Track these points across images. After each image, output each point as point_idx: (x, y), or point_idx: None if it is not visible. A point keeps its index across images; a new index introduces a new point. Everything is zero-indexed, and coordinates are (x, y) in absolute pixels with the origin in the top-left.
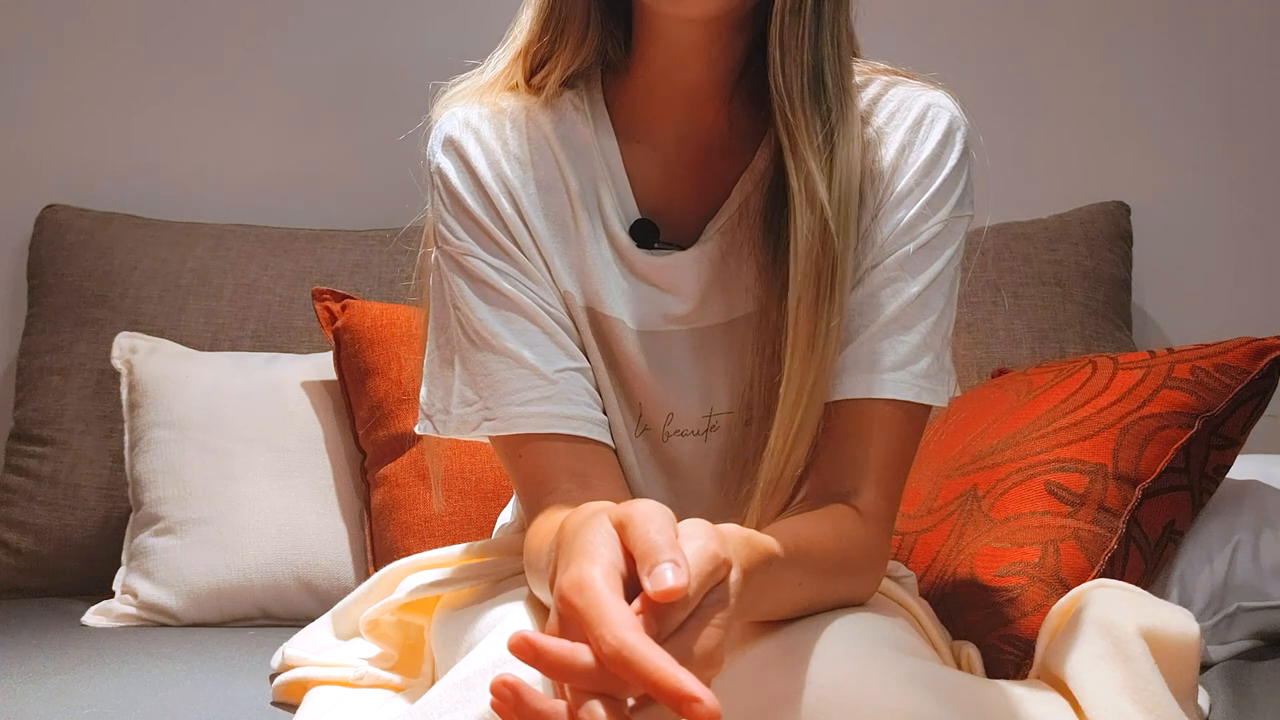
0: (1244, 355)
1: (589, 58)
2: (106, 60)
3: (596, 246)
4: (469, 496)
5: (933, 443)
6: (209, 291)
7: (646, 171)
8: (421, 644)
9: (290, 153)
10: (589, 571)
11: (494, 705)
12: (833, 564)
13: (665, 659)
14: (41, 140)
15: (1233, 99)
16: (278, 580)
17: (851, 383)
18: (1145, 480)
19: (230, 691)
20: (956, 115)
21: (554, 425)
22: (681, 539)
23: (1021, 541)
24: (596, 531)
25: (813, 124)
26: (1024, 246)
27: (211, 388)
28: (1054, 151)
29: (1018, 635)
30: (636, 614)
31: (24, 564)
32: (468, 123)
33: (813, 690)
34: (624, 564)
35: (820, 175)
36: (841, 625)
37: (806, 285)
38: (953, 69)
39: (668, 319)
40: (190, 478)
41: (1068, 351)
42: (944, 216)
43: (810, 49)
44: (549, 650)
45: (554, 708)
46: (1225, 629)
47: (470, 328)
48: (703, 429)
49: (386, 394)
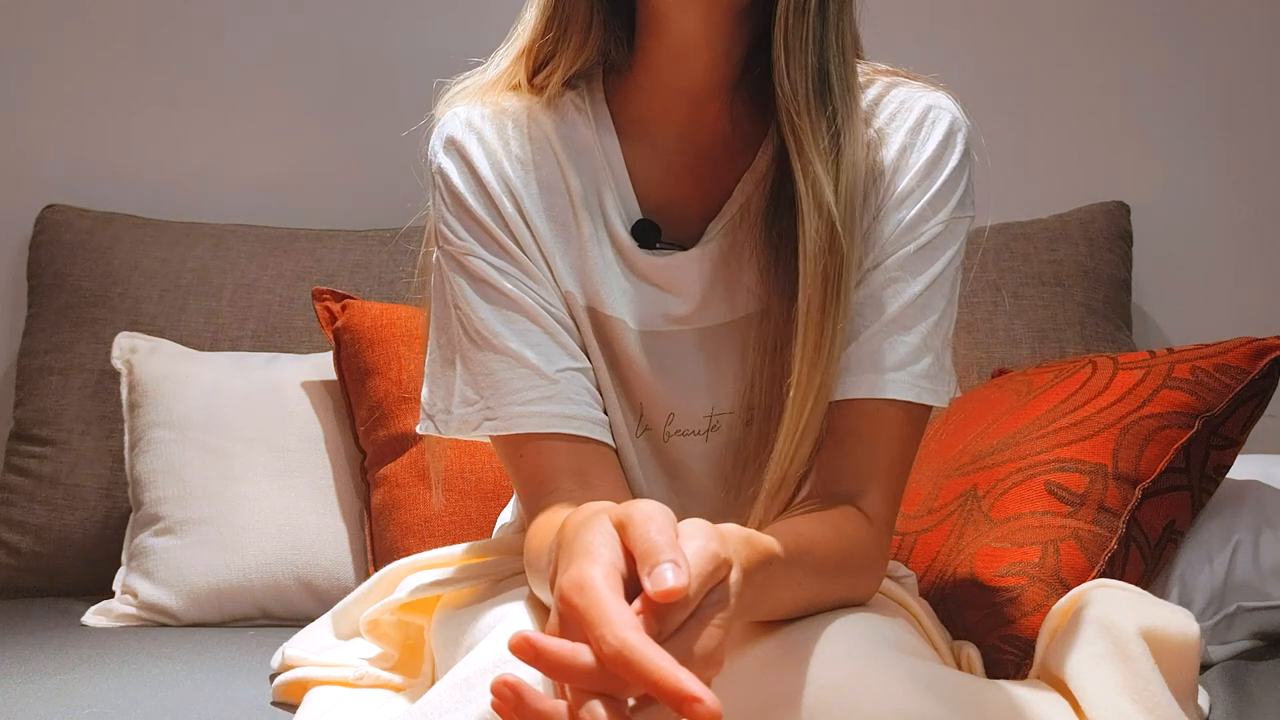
0: (1244, 355)
1: (591, 57)
2: (106, 60)
3: (598, 247)
4: (469, 496)
5: (933, 443)
6: (209, 291)
7: (648, 171)
8: (421, 644)
9: (290, 153)
10: (589, 571)
11: (494, 705)
12: (833, 564)
13: (666, 659)
14: (41, 140)
15: (1233, 99)
16: (278, 580)
17: (852, 383)
18: (1145, 480)
19: (230, 691)
20: (958, 116)
21: (555, 425)
22: (682, 539)
23: (1021, 541)
24: (597, 531)
25: (818, 126)
26: (1024, 246)
27: (211, 388)
28: (1054, 151)
29: (1017, 635)
30: (637, 614)
31: (24, 564)
32: (469, 122)
33: (813, 690)
34: (624, 564)
35: (827, 178)
36: (842, 625)
37: (815, 288)
38: (953, 69)
39: (669, 319)
40: (190, 478)
41: (1068, 351)
42: (945, 217)
43: (815, 51)
44: (549, 650)
45: (555, 708)
46: (1225, 629)
47: (471, 327)
48: (704, 429)
49: (386, 394)
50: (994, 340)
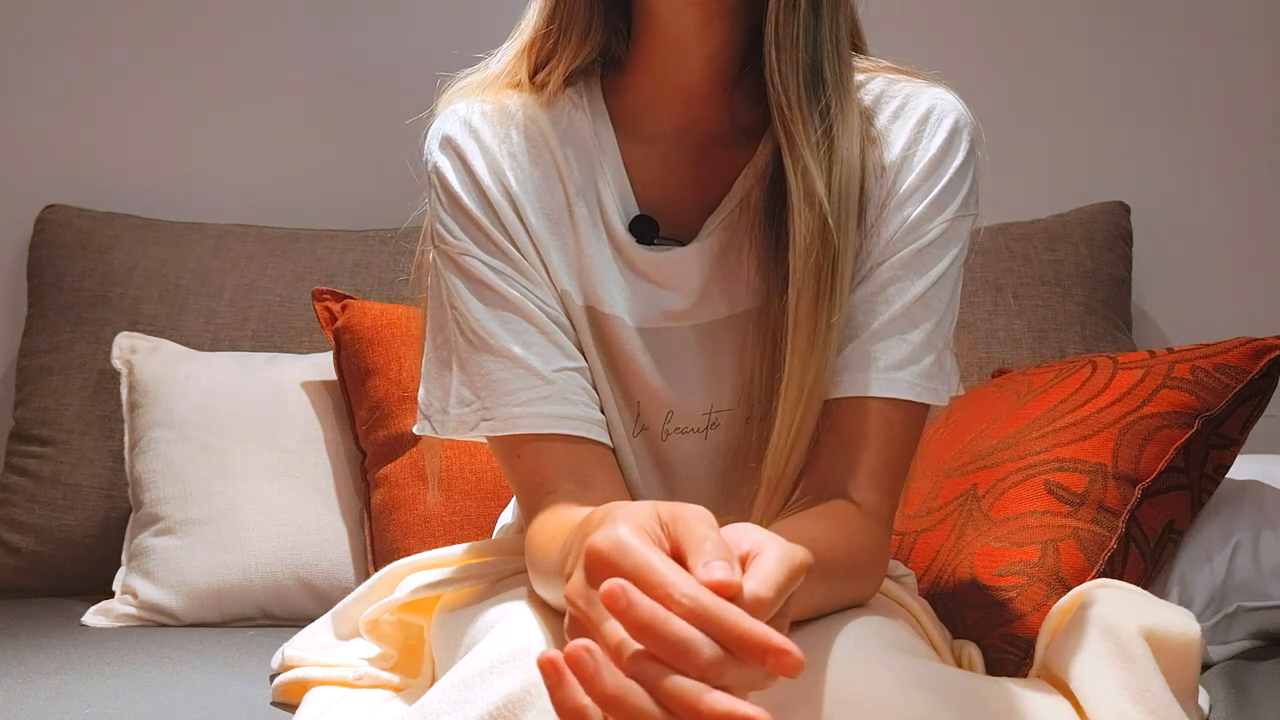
0: (1244, 355)
1: (591, 55)
2: (106, 60)
3: (596, 244)
4: (469, 496)
5: (933, 443)
6: (209, 291)
7: (646, 167)
8: (421, 644)
9: (290, 153)
10: (628, 532)
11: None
12: (842, 569)
13: (745, 614)
14: (41, 140)
15: (1233, 99)
16: (278, 580)
17: (853, 381)
18: (1145, 480)
19: (230, 691)
20: (962, 114)
21: (552, 425)
22: (759, 545)
23: (1021, 541)
24: (639, 510)
25: (810, 121)
26: (1024, 246)
27: (211, 388)
28: (1054, 151)
29: (1017, 635)
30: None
31: (24, 564)
32: (466, 121)
33: (816, 693)
34: (669, 549)
35: (818, 172)
36: (842, 627)
37: (806, 282)
38: (953, 68)
39: (667, 315)
40: (190, 478)
41: (1068, 351)
42: (949, 216)
43: (807, 45)
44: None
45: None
46: (1225, 629)
47: (468, 327)
48: (703, 426)
49: (386, 394)
50: (994, 340)
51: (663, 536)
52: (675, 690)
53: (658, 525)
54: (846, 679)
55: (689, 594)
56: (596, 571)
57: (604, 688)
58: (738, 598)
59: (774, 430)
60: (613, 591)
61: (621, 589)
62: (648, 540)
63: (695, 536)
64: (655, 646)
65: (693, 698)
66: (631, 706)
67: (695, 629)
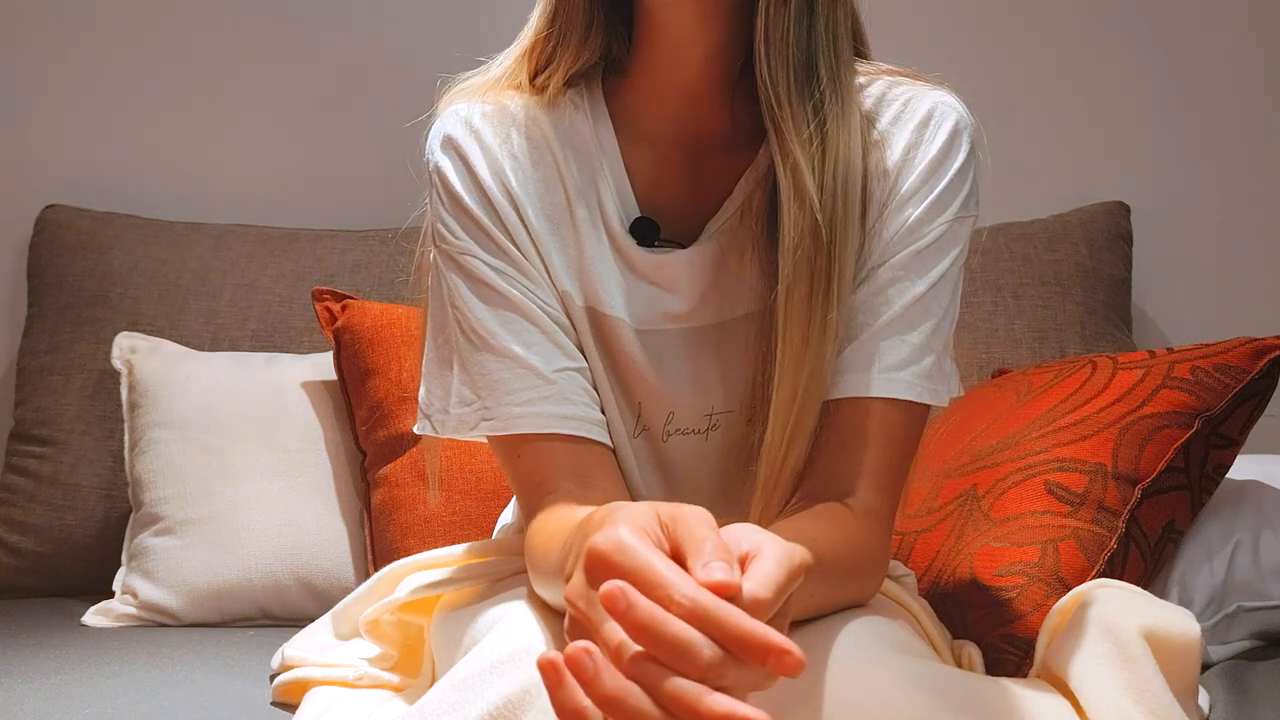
0: (1244, 355)
1: (592, 58)
2: (106, 60)
3: (596, 245)
4: (469, 496)
5: (933, 443)
6: (209, 291)
7: (646, 169)
8: (421, 644)
9: (290, 153)
10: (626, 533)
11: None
12: (843, 570)
13: (744, 615)
14: (41, 140)
15: (1233, 99)
16: (278, 580)
17: (853, 381)
18: (1145, 480)
19: (230, 691)
20: (963, 115)
21: (552, 425)
22: (758, 546)
23: (1021, 541)
24: (638, 510)
25: (800, 116)
26: (1024, 246)
27: (211, 388)
28: (1054, 151)
29: (1017, 635)
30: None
31: (24, 564)
32: (467, 121)
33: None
34: (669, 548)
35: (809, 168)
36: (843, 627)
37: (797, 280)
38: (953, 69)
39: (667, 317)
40: (190, 478)
41: (1068, 351)
42: (949, 217)
43: (799, 40)
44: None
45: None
46: (1225, 629)
47: (468, 327)
48: (703, 428)
49: (386, 394)
50: (994, 340)
51: (662, 537)
52: (675, 691)
53: (657, 526)
54: (846, 679)
55: (688, 595)
56: (596, 572)
57: (604, 689)
58: (737, 598)
59: (768, 428)
60: (612, 593)
61: (621, 590)
62: (648, 541)
63: (695, 537)
64: (655, 648)
65: (692, 699)
66: (631, 708)
67: (695, 630)
